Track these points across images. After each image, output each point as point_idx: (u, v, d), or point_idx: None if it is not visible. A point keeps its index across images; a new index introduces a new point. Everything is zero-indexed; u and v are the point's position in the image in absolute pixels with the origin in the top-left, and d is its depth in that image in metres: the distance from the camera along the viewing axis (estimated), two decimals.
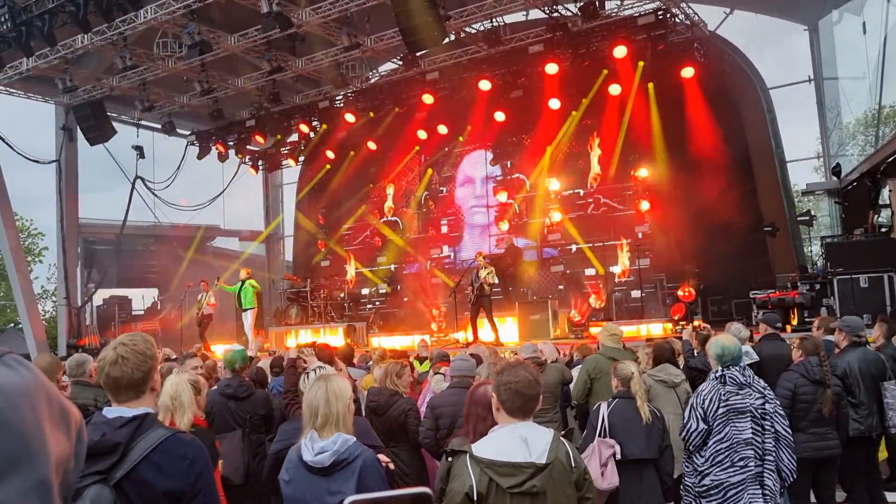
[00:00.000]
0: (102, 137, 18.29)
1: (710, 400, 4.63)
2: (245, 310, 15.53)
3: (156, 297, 21.57)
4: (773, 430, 4.58)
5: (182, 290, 18.47)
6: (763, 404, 4.61)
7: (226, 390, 5.54)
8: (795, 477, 4.66)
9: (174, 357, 9.00)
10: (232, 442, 5.21)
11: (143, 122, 20.34)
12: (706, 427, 4.61)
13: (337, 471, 3.08)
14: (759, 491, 4.48)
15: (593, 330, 13.21)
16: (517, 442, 2.77)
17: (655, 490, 4.90)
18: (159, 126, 19.67)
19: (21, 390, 0.74)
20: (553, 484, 2.72)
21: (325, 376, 3.36)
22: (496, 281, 14.03)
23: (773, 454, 4.56)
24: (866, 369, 6.30)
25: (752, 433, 4.55)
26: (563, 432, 4.22)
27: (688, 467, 4.82)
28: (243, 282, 15.46)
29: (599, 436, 4.90)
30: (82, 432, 0.85)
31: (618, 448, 4.82)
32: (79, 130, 18.67)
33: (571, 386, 6.91)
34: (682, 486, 4.92)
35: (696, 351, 7.70)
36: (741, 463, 4.53)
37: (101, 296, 20.43)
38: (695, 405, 4.72)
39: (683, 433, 4.76)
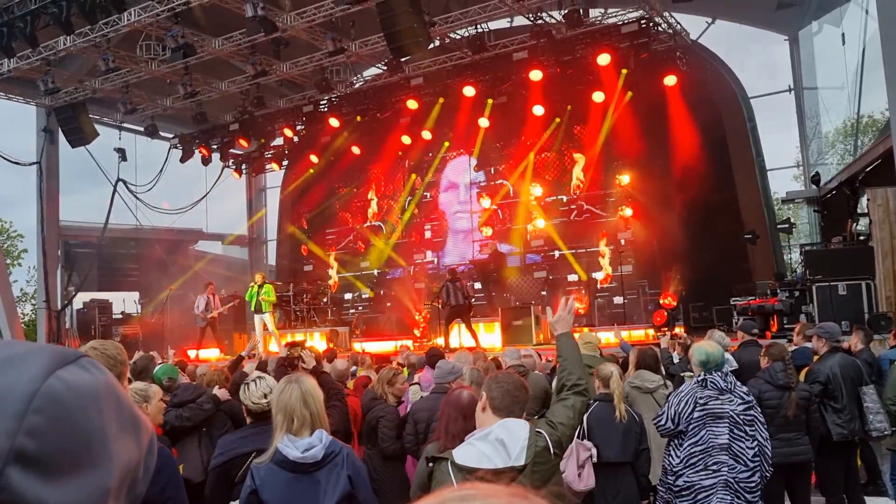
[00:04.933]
0: (84, 140, 18.11)
1: (685, 402, 4.68)
2: (263, 313, 15.50)
3: (137, 300, 21.37)
4: (755, 436, 4.62)
5: (164, 293, 18.35)
6: (746, 409, 4.66)
7: (173, 399, 5.60)
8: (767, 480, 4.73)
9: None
10: (188, 444, 5.28)
11: (125, 125, 20.21)
12: (673, 426, 4.69)
13: (327, 464, 3.08)
14: (730, 497, 4.51)
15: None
16: (495, 446, 2.80)
17: (631, 492, 4.96)
18: (142, 129, 19.54)
19: (91, 392, 0.72)
20: (536, 475, 2.80)
21: (294, 377, 3.27)
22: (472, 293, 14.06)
23: (759, 459, 4.60)
24: (846, 374, 6.39)
25: (730, 438, 4.58)
26: (537, 417, 4.27)
27: (666, 466, 4.88)
28: (260, 286, 15.29)
29: (578, 437, 4.94)
30: (153, 443, 0.83)
31: (594, 451, 4.88)
32: (60, 132, 18.50)
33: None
34: (660, 481, 4.98)
35: (675, 357, 7.77)
36: (714, 467, 4.56)
37: (81, 299, 20.18)
38: (669, 404, 4.82)
39: (655, 420, 4.89)
